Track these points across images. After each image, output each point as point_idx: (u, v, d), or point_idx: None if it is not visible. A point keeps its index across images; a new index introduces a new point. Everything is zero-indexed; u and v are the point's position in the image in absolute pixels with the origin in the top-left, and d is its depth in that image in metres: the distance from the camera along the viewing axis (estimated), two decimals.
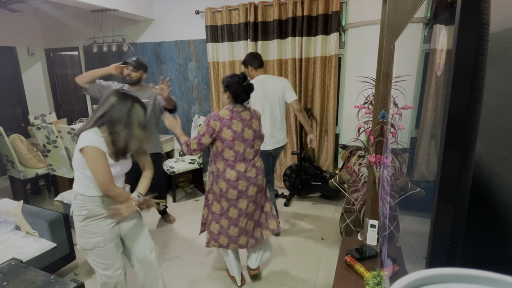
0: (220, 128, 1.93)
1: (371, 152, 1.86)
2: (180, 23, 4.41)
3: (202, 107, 4.58)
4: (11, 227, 2.34)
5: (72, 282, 1.54)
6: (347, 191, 2.74)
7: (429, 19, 1.30)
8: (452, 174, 0.61)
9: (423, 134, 1.19)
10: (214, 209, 2.08)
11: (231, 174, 1.99)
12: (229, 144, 1.95)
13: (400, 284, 0.46)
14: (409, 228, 1.58)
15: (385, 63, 1.71)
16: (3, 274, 1.59)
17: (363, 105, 2.20)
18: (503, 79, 0.89)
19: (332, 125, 3.83)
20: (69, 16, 4.93)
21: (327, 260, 2.61)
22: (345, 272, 1.58)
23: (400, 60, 1.64)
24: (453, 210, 0.62)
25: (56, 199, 3.13)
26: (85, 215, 1.59)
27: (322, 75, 3.76)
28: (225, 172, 1.99)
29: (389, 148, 1.55)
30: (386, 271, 1.43)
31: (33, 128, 3.57)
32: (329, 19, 3.59)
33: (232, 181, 1.99)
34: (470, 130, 0.60)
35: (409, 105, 1.55)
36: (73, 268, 2.52)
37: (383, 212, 1.57)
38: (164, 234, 3.09)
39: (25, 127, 5.01)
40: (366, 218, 1.93)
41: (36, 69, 5.39)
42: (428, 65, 1.08)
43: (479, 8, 0.54)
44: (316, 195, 3.91)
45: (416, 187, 1.63)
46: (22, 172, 3.66)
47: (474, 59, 0.56)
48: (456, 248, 0.64)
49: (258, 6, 3.80)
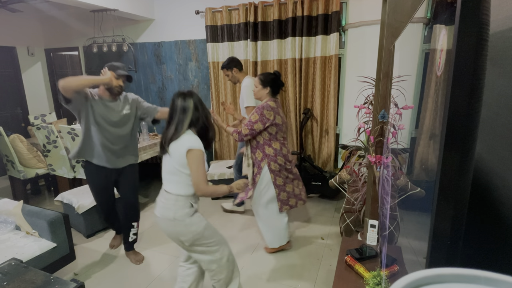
0: (274, 116, 2.39)
1: (371, 152, 1.86)
2: (180, 23, 4.41)
3: None
4: (11, 227, 2.34)
5: (72, 282, 1.54)
6: (347, 191, 2.74)
7: (429, 19, 1.30)
8: (452, 174, 0.61)
9: (423, 134, 1.19)
10: (278, 182, 2.51)
11: (285, 150, 2.51)
12: (280, 127, 2.45)
13: (400, 284, 0.46)
14: (409, 228, 1.58)
15: (385, 63, 1.71)
16: (3, 274, 1.59)
17: (363, 105, 2.19)
18: (503, 79, 0.89)
19: (332, 125, 3.83)
20: (69, 16, 4.93)
21: (327, 260, 2.60)
22: (345, 272, 1.58)
23: (400, 60, 1.64)
24: (453, 210, 0.62)
25: (56, 199, 3.13)
26: (194, 209, 1.73)
27: (322, 75, 3.76)
28: (282, 150, 2.48)
29: (389, 148, 1.55)
30: (386, 271, 1.43)
31: (33, 128, 3.57)
32: (329, 19, 3.59)
33: (287, 155, 2.52)
34: (470, 130, 0.60)
35: (409, 105, 1.55)
36: (73, 268, 2.52)
37: (383, 212, 1.57)
38: (164, 234, 3.09)
39: (25, 127, 5.01)
40: (366, 218, 1.93)
41: (36, 69, 5.39)
42: (428, 65, 1.08)
43: (479, 8, 0.54)
44: (316, 195, 3.91)
45: (416, 187, 1.63)
46: (22, 172, 3.66)
47: (474, 59, 0.56)
48: (456, 248, 0.64)
49: (258, 6, 3.80)
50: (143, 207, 3.72)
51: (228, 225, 3.25)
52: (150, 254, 2.73)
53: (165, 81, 4.69)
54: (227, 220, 3.36)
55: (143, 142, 3.81)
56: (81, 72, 5.25)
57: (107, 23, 4.57)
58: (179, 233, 1.71)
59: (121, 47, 4.57)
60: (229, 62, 3.11)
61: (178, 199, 1.68)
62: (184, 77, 4.57)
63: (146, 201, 3.93)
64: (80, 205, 2.88)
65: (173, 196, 1.69)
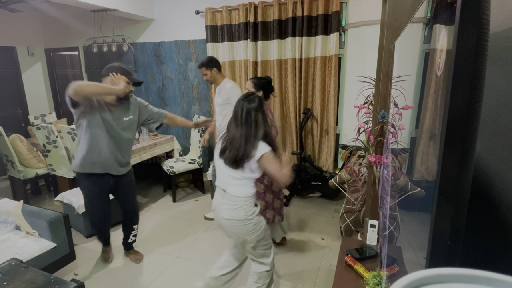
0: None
1: (371, 152, 1.86)
2: (180, 23, 4.41)
3: (202, 107, 4.58)
4: (11, 227, 2.34)
5: (72, 282, 1.54)
6: (347, 191, 2.74)
7: (429, 19, 1.30)
8: (452, 174, 0.61)
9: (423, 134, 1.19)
10: (258, 189, 2.40)
11: None
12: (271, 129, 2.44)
13: (400, 284, 0.46)
14: (409, 228, 1.58)
15: (385, 63, 1.71)
16: (3, 274, 1.59)
17: (363, 105, 2.20)
18: (503, 79, 0.89)
19: (332, 125, 3.83)
20: (69, 16, 4.93)
21: (327, 260, 2.61)
22: (345, 272, 1.58)
23: (400, 60, 1.64)
24: (453, 210, 0.62)
25: (56, 199, 3.13)
26: (258, 208, 1.78)
27: (322, 75, 3.76)
28: None
29: (389, 148, 1.55)
30: (386, 271, 1.43)
31: (33, 128, 3.57)
32: (329, 19, 3.59)
33: None
34: (470, 130, 0.60)
35: (409, 105, 1.55)
36: (73, 268, 2.52)
37: (383, 212, 1.57)
38: (164, 234, 3.10)
39: (25, 127, 5.01)
40: (366, 218, 1.93)
41: (36, 69, 5.39)
42: (428, 65, 1.08)
43: (479, 8, 0.54)
44: (316, 195, 3.91)
45: (416, 187, 1.63)
46: (22, 172, 3.66)
47: (474, 59, 0.56)
48: (456, 248, 0.64)
49: (258, 6, 3.80)
50: (143, 207, 3.73)
51: None
52: (150, 254, 2.74)
53: (165, 81, 4.69)
54: None
55: (143, 142, 3.81)
56: (81, 72, 5.26)
57: (107, 23, 4.57)
58: (247, 233, 1.74)
59: (121, 47, 4.57)
60: (209, 61, 2.97)
61: (247, 200, 1.73)
62: (184, 77, 4.57)
63: (146, 201, 3.93)
64: (80, 205, 2.87)
65: (242, 198, 1.72)
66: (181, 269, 2.54)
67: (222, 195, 1.77)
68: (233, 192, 1.73)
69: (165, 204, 3.84)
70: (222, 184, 1.77)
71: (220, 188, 1.79)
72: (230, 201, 1.73)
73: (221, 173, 1.77)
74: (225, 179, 1.76)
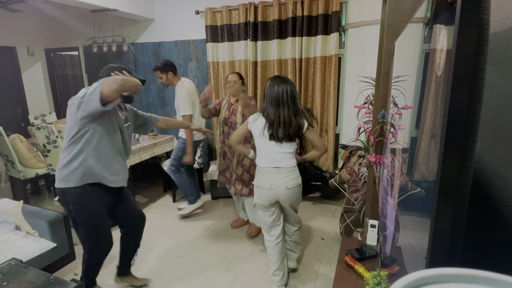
0: None
1: (371, 152, 1.86)
2: (180, 23, 4.41)
3: None
4: (11, 227, 2.34)
5: (72, 282, 1.54)
6: (347, 191, 2.73)
7: (429, 19, 1.30)
8: (452, 174, 0.61)
9: (423, 134, 1.19)
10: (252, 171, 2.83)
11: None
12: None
13: (400, 284, 0.46)
14: (409, 228, 1.58)
15: (385, 63, 1.71)
16: (3, 274, 1.59)
17: (363, 105, 2.19)
18: (503, 79, 0.89)
19: (332, 125, 3.83)
20: (69, 16, 4.93)
21: (327, 260, 2.61)
22: (345, 272, 1.58)
23: (400, 60, 1.64)
24: (453, 210, 0.62)
25: (56, 199, 3.12)
26: None
27: (322, 75, 3.76)
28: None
29: (389, 148, 1.55)
30: (386, 271, 1.43)
31: (33, 128, 3.57)
32: (329, 19, 3.59)
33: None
34: (470, 130, 0.60)
35: (409, 105, 1.55)
36: (73, 268, 2.52)
37: (383, 212, 1.57)
38: (164, 234, 3.09)
39: (25, 127, 5.01)
40: (366, 218, 1.93)
41: (36, 69, 5.39)
42: (428, 65, 1.08)
43: (479, 8, 0.54)
44: (316, 195, 3.91)
45: (416, 187, 1.63)
46: (22, 172, 3.66)
47: (474, 59, 0.56)
48: (456, 248, 0.64)
49: (258, 6, 3.80)
50: (143, 207, 3.73)
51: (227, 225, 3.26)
52: (150, 254, 2.73)
53: None
54: (227, 220, 3.36)
55: (143, 142, 3.81)
56: (81, 72, 5.26)
57: (107, 23, 4.57)
58: (299, 195, 2.15)
59: (121, 47, 4.57)
60: (164, 65, 3.06)
61: (297, 169, 2.10)
62: (184, 77, 4.56)
63: (146, 201, 3.93)
64: None
65: (295, 168, 2.08)
66: (181, 269, 2.54)
67: (277, 172, 2.04)
68: (289, 165, 2.05)
69: (165, 204, 3.84)
70: (275, 163, 2.04)
71: (271, 167, 2.05)
72: (289, 172, 2.05)
73: (272, 154, 2.04)
74: (277, 158, 2.03)
